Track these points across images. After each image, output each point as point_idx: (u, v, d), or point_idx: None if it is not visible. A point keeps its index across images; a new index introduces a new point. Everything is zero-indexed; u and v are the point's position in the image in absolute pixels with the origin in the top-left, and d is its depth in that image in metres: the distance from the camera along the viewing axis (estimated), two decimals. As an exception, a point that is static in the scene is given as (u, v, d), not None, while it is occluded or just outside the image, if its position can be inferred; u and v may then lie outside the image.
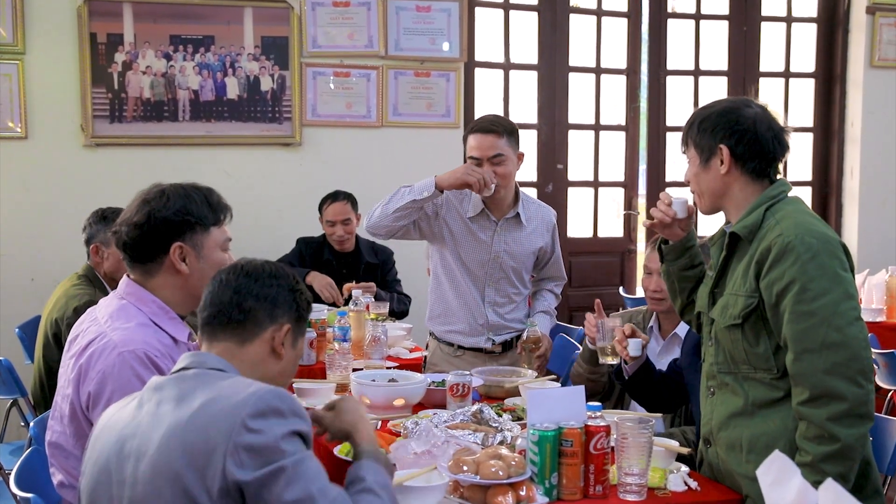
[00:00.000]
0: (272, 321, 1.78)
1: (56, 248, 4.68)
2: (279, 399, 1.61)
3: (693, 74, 6.06)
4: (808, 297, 2.02)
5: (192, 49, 4.92)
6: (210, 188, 2.22)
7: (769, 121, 2.21)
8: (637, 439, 2.07)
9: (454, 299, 3.43)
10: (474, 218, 3.36)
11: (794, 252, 2.04)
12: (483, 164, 3.25)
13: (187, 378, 1.69)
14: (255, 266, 1.82)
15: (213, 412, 1.58)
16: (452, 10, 5.30)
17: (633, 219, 6.03)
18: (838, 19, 6.14)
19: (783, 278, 2.05)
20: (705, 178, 2.24)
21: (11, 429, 4.02)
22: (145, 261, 2.15)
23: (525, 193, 3.48)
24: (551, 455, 2.04)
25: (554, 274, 3.63)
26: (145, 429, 1.63)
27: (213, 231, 2.18)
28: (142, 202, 2.14)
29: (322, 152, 5.17)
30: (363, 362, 3.28)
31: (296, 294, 1.83)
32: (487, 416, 2.46)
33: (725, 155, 2.18)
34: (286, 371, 1.84)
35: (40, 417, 2.57)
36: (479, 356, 3.41)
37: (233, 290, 1.77)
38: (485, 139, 3.26)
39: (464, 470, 1.98)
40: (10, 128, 4.69)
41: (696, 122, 2.25)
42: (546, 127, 5.76)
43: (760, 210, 2.16)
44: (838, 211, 6.25)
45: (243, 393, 1.60)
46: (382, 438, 2.39)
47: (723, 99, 2.32)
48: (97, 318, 2.16)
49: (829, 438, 1.99)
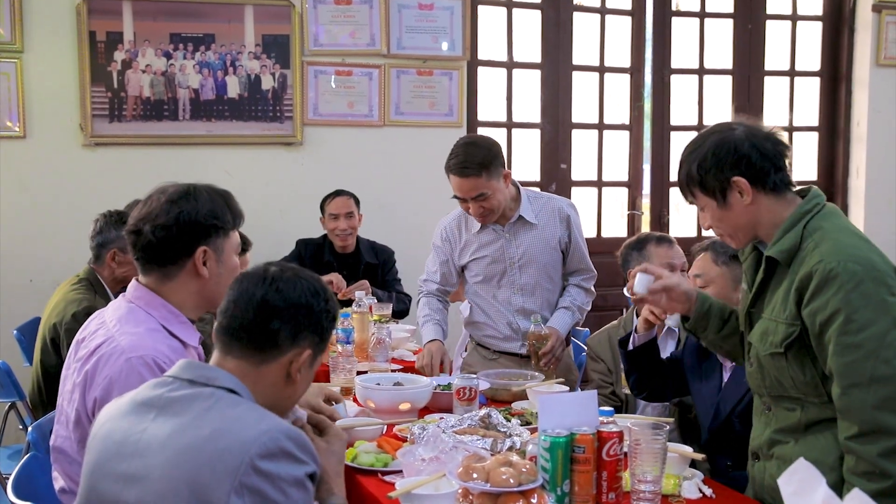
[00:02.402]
0: (293, 345, 1.70)
1: (55, 249, 4.63)
2: (290, 440, 1.55)
3: (697, 73, 6.00)
4: (853, 328, 1.92)
5: (192, 47, 4.88)
6: (228, 192, 2.19)
7: (758, 130, 2.12)
8: (651, 445, 2.02)
9: (485, 308, 3.44)
10: (480, 232, 3.38)
11: (837, 280, 1.94)
12: (468, 201, 3.25)
13: (198, 399, 1.62)
14: (287, 280, 1.70)
15: (222, 447, 1.52)
16: (455, 8, 5.26)
17: (638, 219, 5.98)
18: (844, 17, 6.09)
19: (826, 308, 1.96)
20: (731, 216, 2.13)
21: (9, 432, 3.98)
22: (165, 263, 2.09)
23: (530, 190, 3.43)
24: (563, 462, 2.00)
25: (578, 267, 3.51)
26: (146, 450, 1.58)
27: (232, 235, 2.15)
28: (169, 203, 2.07)
29: (323, 152, 5.12)
30: (367, 365, 3.24)
31: (323, 316, 1.73)
32: (496, 421, 2.41)
33: (744, 185, 2.08)
34: (297, 394, 1.76)
35: (38, 423, 2.53)
36: (514, 360, 3.40)
37: (258, 305, 1.67)
38: (464, 183, 3.22)
39: (473, 477, 1.92)
40: (9, 127, 4.64)
41: (694, 169, 2.12)
42: (549, 126, 5.71)
43: (797, 230, 2.06)
44: (844, 211, 6.18)
45: (254, 429, 1.54)
46: (388, 444, 2.35)
47: (701, 135, 2.18)
48: (105, 322, 2.12)
49: (880, 475, 1.91)
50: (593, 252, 5.91)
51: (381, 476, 2.21)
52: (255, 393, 1.66)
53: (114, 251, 3.46)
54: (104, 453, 1.65)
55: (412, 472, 2.10)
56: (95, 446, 1.68)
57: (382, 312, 3.88)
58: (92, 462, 1.67)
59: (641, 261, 3.23)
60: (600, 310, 5.86)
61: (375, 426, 2.49)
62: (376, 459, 2.26)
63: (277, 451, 1.52)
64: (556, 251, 3.40)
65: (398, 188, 5.20)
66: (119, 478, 1.60)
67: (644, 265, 2.37)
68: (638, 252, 3.25)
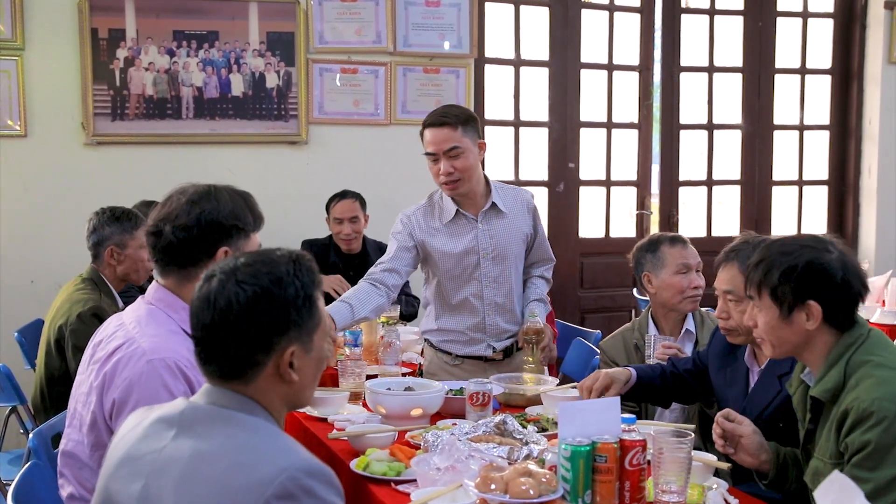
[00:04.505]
0: (271, 353, 1.55)
1: (57, 249, 4.57)
2: (312, 477, 1.44)
3: (707, 71, 5.94)
4: (868, 465, 1.91)
5: (195, 45, 4.81)
6: (248, 193, 2.15)
7: (852, 262, 2.09)
8: (675, 454, 1.95)
9: (451, 310, 3.26)
10: (451, 222, 3.20)
11: (870, 418, 1.93)
12: (440, 159, 3.08)
13: (219, 421, 1.52)
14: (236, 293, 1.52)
15: (238, 486, 1.42)
16: (462, 5, 5.19)
17: (647, 219, 5.90)
18: (855, 14, 6.03)
19: (855, 443, 1.95)
20: (784, 332, 2.09)
21: (10, 437, 3.91)
22: (185, 265, 2.05)
23: (496, 181, 3.29)
24: (584, 472, 1.92)
25: (542, 257, 3.39)
26: (161, 471, 1.50)
27: (252, 237, 2.11)
28: (189, 203, 2.03)
29: (329, 151, 5.05)
30: (377, 368, 3.16)
31: (293, 305, 1.55)
32: (511, 428, 2.33)
33: (816, 312, 2.04)
34: (306, 386, 1.62)
35: (39, 429, 2.46)
36: (478, 364, 3.25)
37: (218, 335, 1.53)
38: (438, 133, 3.07)
39: (492, 488, 1.86)
40: (9, 126, 4.57)
41: (776, 276, 2.07)
42: (557, 125, 5.63)
43: (840, 366, 2.03)
44: (855, 210, 6.13)
45: (272, 466, 1.43)
46: (401, 451, 2.28)
47: (793, 240, 2.13)
48: (124, 323, 2.07)
49: None
50: (602, 252, 5.94)
51: (394, 485, 2.13)
52: (265, 403, 1.56)
53: (111, 248, 3.39)
54: (121, 468, 1.57)
55: (427, 482, 2.02)
56: (115, 457, 1.60)
57: (390, 315, 3.80)
58: (107, 475, 1.60)
59: (656, 262, 3.16)
60: (609, 310, 5.81)
61: (387, 433, 2.42)
62: (389, 468, 2.18)
63: (298, 491, 1.41)
64: (523, 244, 3.29)
65: (405, 188, 5.12)
66: (131, 497, 1.52)
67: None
68: (652, 254, 3.17)
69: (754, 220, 6.05)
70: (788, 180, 6.20)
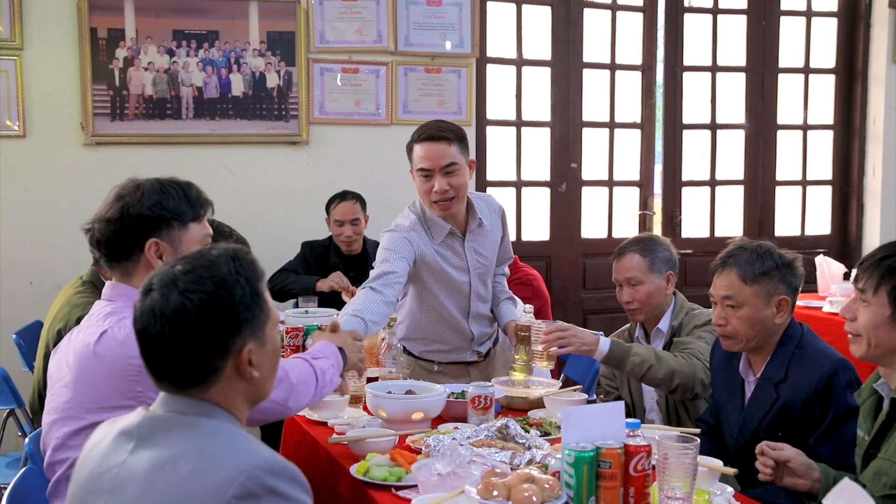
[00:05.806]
0: (227, 355, 1.51)
1: (56, 251, 4.54)
2: (274, 475, 1.41)
3: (710, 70, 5.90)
4: None
5: (195, 44, 4.78)
6: (189, 182, 2.13)
7: None
8: (681, 459, 1.91)
9: (436, 327, 3.17)
10: (444, 242, 3.08)
11: None
12: (434, 175, 2.96)
13: (176, 427, 1.49)
14: (182, 303, 1.47)
15: (197, 491, 1.39)
16: (464, 4, 5.16)
17: (649, 219, 5.87)
18: (859, 13, 6.00)
19: None
20: (886, 334, 2.03)
21: (8, 440, 3.88)
22: (121, 259, 2.06)
23: (471, 193, 3.18)
24: (588, 477, 1.89)
25: (506, 256, 3.34)
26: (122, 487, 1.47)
27: (192, 227, 2.08)
28: (115, 198, 2.06)
29: (330, 151, 5.02)
30: (378, 371, 3.13)
31: (242, 304, 1.51)
32: (514, 432, 2.30)
33: None
34: (266, 379, 1.59)
35: (35, 433, 2.43)
36: (461, 368, 3.22)
37: (170, 348, 1.48)
38: (434, 148, 2.96)
39: (494, 495, 1.83)
40: (8, 126, 4.55)
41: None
42: (559, 125, 5.60)
43: None
44: (859, 211, 6.09)
45: (231, 468, 1.40)
46: (402, 456, 2.24)
47: None
48: (94, 316, 2.06)
49: None
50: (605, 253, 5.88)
51: (395, 491, 2.10)
52: (225, 404, 1.53)
53: None
54: (85, 486, 1.54)
55: (428, 488, 1.99)
56: (80, 475, 1.58)
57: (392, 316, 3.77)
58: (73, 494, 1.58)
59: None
60: (609, 312, 5.77)
61: (388, 438, 2.39)
62: (389, 473, 2.15)
63: (259, 490, 1.39)
64: (496, 251, 3.24)
65: (406, 188, 5.02)
66: None
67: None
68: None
69: (757, 221, 6.02)
70: (792, 180, 6.16)
